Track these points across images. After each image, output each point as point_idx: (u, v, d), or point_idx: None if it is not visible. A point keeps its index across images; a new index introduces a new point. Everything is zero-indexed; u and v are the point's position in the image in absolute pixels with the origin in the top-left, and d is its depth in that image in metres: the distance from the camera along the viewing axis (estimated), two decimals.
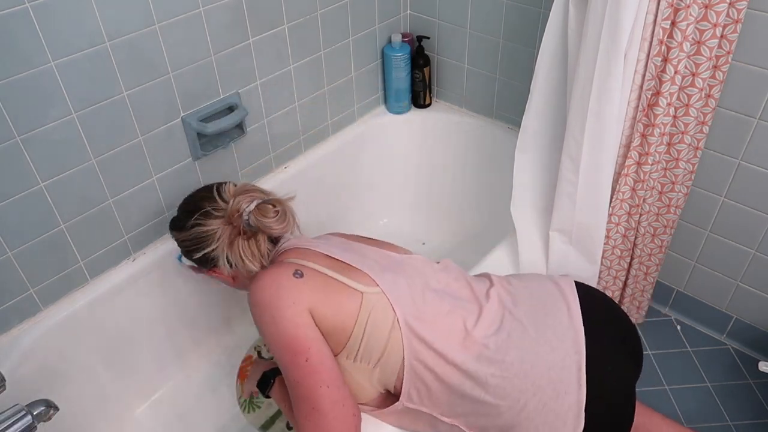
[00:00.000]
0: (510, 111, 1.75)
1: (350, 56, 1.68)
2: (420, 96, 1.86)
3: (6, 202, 1.13)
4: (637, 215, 1.41)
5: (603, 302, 1.18)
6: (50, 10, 1.04)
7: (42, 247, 1.22)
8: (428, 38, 1.77)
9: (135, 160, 1.30)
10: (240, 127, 1.46)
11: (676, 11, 1.12)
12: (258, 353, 1.54)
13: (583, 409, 0.98)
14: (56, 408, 1.00)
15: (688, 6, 1.10)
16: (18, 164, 1.11)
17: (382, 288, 1.05)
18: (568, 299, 1.11)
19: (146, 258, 1.40)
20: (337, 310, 1.02)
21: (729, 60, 1.21)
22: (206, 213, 1.11)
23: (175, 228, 1.20)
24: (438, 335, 1.03)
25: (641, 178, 1.33)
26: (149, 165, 1.33)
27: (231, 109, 1.42)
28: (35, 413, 0.95)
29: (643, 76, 1.21)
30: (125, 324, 1.41)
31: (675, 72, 1.18)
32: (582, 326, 1.06)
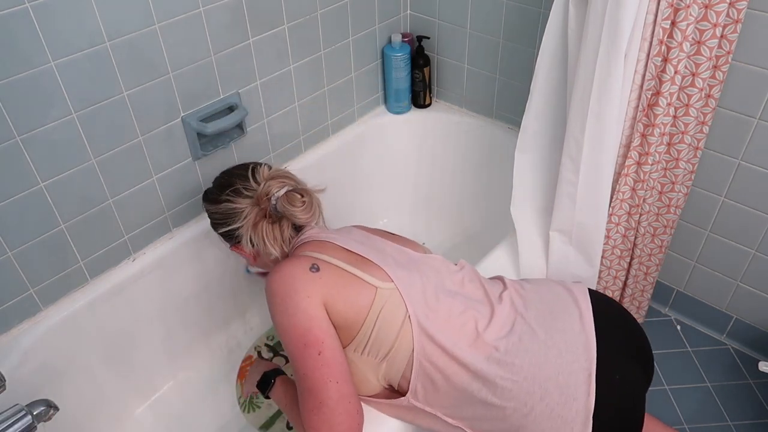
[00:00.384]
0: (510, 111, 1.75)
1: (350, 56, 1.68)
2: (420, 96, 1.86)
3: (6, 202, 1.13)
4: (637, 215, 1.41)
5: (616, 310, 1.16)
6: (50, 10, 1.04)
7: (42, 247, 1.22)
8: (428, 38, 1.77)
9: (135, 160, 1.30)
10: (240, 127, 1.46)
11: (676, 11, 1.12)
12: (258, 353, 1.54)
13: (591, 416, 0.97)
14: (56, 408, 1.00)
15: (688, 6, 1.10)
16: (18, 164, 1.11)
17: (396, 284, 1.06)
18: (581, 305, 1.10)
19: (146, 258, 1.40)
20: (351, 303, 1.03)
21: (729, 60, 1.21)
22: (237, 191, 1.17)
23: (207, 200, 1.27)
24: (449, 335, 1.03)
25: (641, 178, 1.33)
26: (149, 165, 1.33)
27: (231, 109, 1.42)
28: (35, 413, 0.95)
29: (643, 76, 1.21)
30: (125, 324, 1.41)
31: (675, 72, 1.18)
32: (594, 333, 1.05)
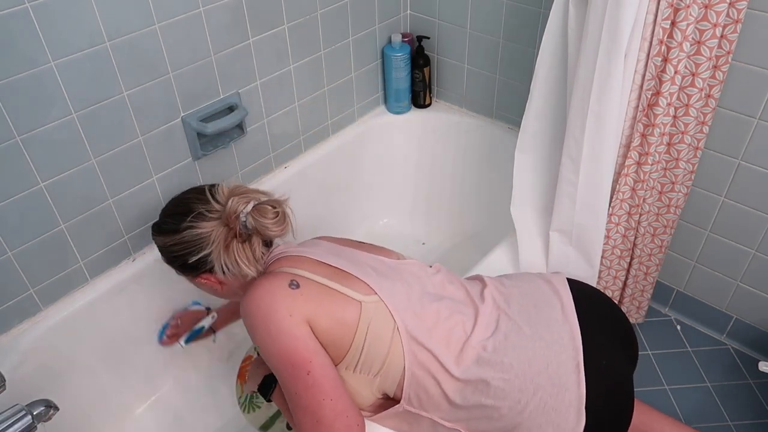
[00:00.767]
0: (510, 111, 1.75)
1: (350, 56, 1.68)
2: (420, 96, 1.86)
3: (6, 202, 1.13)
4: (637, 215, 1.41)
5: (596, 297, 1.18)
6: (50, 10, 1.04)
7: (42, 247, 1.22)
8: (428, 38, 1.77)
9: (135, 160, 1.30)
10: (240, 127, 1.46)
11: (676, 11, 1.12)
12: (258, 353, 1.54)
13: (584, 405, 0.98)
14: (56, 408, 1.00)
15: (688, 6, 1.10)
16: (18, 164, 1.11)
17: (381, 296, 1.03)
18: (561, 296, 1.12)
19: (146, 258, 1.40)
20: (336, 320, 1.00)
21: (729, 60, 1.21)
22: (200, 215, 1.07)
23: (163, 232, 1.13)
24: (438, 341, 1.02)
25: (641, 178, 1.33)
26: (149, 165, 1.33)
27: (231, 109, 1.42)
28: (35, 413, 0.95)
29: (643, 76, 1.21)
30: (125, 324, 1.41)
31: (675, 72, 1.18)
32: (577, 322, 1.06)
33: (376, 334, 1.01)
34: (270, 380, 1.17)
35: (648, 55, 1.19)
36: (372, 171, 1.90)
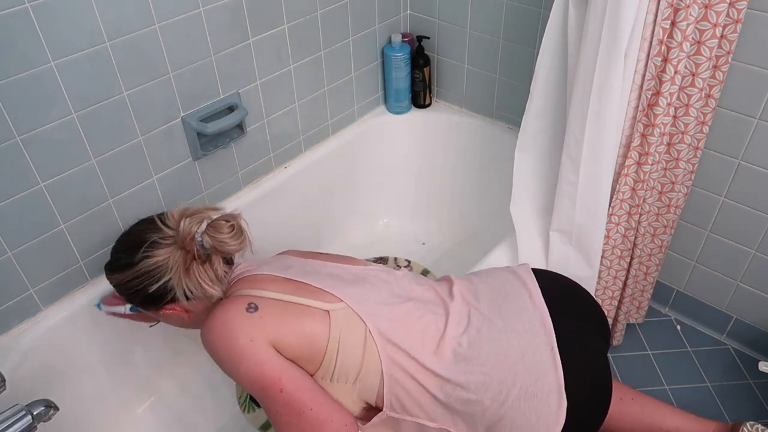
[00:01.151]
0: (510, 111, 1.75)
1: (350, 56, 1.68)
2: (420, 96, 1.86)
3: (6, 202, 1.13)
4: (637, 215, 1.41)
5: (563, 283, 1.21)
6: (50, 10, 1.04)
7: (42, 247, 1.22)
8: (428, 38, 1.77)
9: (135, 160, 1.30)
10: (240, 127, 1.46)
11: (676, 11, 1.12)
12: None
13: (563, 388, 0.99)
14: (56, 408, 1.00)
15: (688, 6, 1.10)
16: (18, 164, 1.11)
17: (347, 302, 1.03)
18: (528, 284, 1.13)
19: None
20: (303, 335, 0.99)
21: (729, 60, 1.21)
22: (153, 243, 1.04)
23: (118, 269, 1.08)
24: (412, 341, 1.02)
25: (641, 178, 1.33)
26: (149, 165, 1.33)
27: (231, 109, 1.42)
28: (35, 413, 0.95)
29: (643, 76, 1.21)
30: (125, 324, 1.41)
31: (675, 72, 1.18)
32: (546, 308, 1.08)
33: (349, 341, 1.00)
34: None
35: (648, 55, 1.19)
36: (372, 171, 1.90)
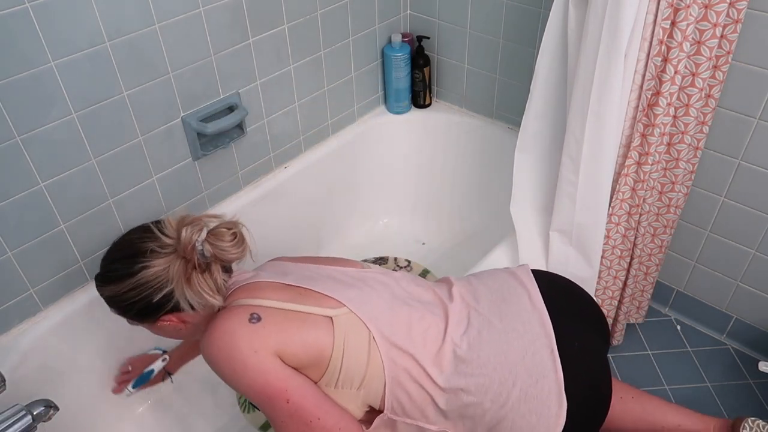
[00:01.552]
0: (510, 111, 1.75)
1: (350, 56, 1.68)
2: (420, 96, 1.86)
3: (6, 202, 1.13)
4: (637, 215, 1.41)
5: (562, 284, 1.20)
6: (50, 10, 1.04)
7: (42, 247, 1.22)
8: (428, 38, 1.77)
9: (135, 160, 1.30)
10: (240, 127, 1.46)
11: (676, 11, 1.12)
12: None
13: (563, 389, 0.99)
14: (56, 408, 1.00)
15: (688, 6, 1.10)
16: (18, 164, 1.11)
17: (350, 307, 1.02)
18: (527, 285, 1.13)
19: None
20: (308, 344, 0.98)
21: (729, 60, 1.21)
22: (153, 252, 1.00)
23: (113, 280, 1.03)
24: (414, 343, 1.02)
25: (641, 178, 1.33)
26: (149, 165, 1.33)
27: (231, 109, 1.42)
28: (35, 413, 0.95)
29: (643, 76, 1.21)
30: (125, 324, 1.41)
31: (675, 72, 1.18)
32: (545, 309, 1.08)
33: (353, 347, 0.99)
34: None
35: (648, 55, 1.19)
36: (372, 171, 1.90)
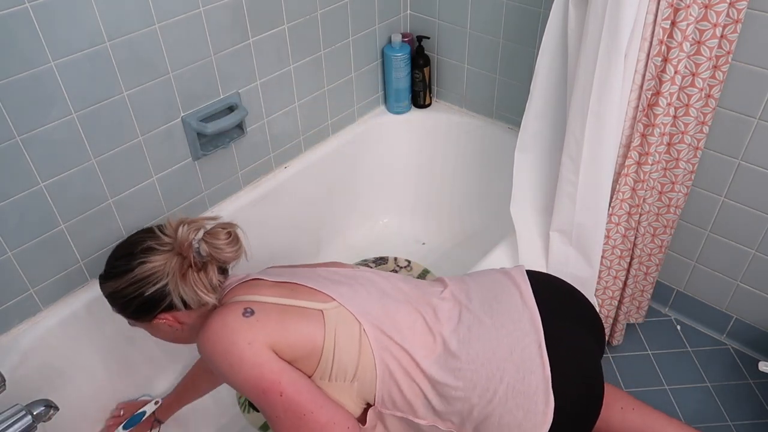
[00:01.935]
0: (510, 111, 1.75)
1: (350, 56, 1.68)
2: (420, 96, 1.86)
3: (6, 202, 1.13)
4: (637, 215, 1.41)
5: (557, 285, 1.20)
6: (50, 10, 1.04)
7: (42, 247, 1.22)
8: (428, 38, 1.77)
9: (135, 160, 1.30)
10: (240, 127, 1.46)
11: (676, 11, 1.12)
12: None
13: (551, 386, 0.99)
14: (56, 408, 1.00)
15: (688, 6, 1.10)
16: (18, 164, 1.11)
17: (340, 301, 1.04)
18: (519, 284, 1.13)
19: None
20: (300, 336, 1.00)
21: (729, 60, 1.21)
22: (150, 249, 1.03)
23: (114, 276, 1.06)
24: (404, 336, 1.03)
25: (641, 178, 1.33)
26: (149, 165, 1.33)
27: (231, 109, 1.42)
28: (35, 413, 0.95)
29: (643, 76, 1.21)
30: (125, 324, 1.41)
31: (675, 72, 1.18)
32: (536, 306, 1.08)
33: (344, 338, 1.01)
34: None
35: (648, 55, 1.19)
36: (372, 171, 1.90)
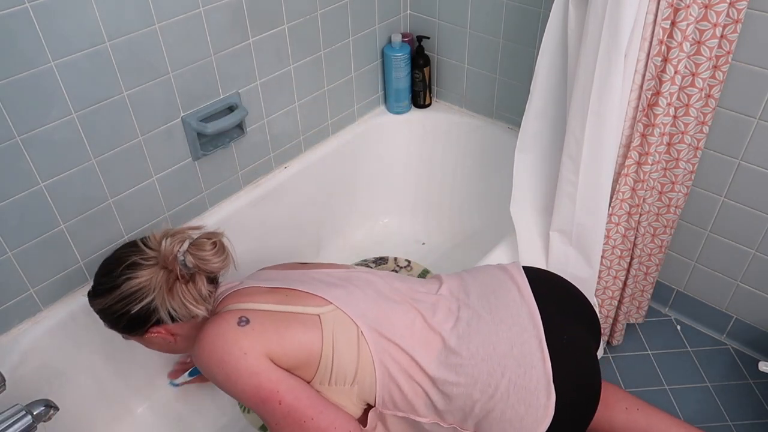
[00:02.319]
0: (510, 111, 1.75)
1: (350, 56, 1.68)
2: (420, 96, 1.86)
3: (6, 202, 1.13)
4: (637, 215, 1.41)
5: (554, 280, 1.21)
6: (50, 10, 1.04)
7: (42, 247, 1.22)
8: (428, 38, 1.77)
9: (135, 160, 1.30)
10: (240, 127, 1.46)
11: (676, 11, 1.12)
12: None
13: (552, 380, 1.00)
14: (56, 408, 1.00)
15: (688, 6, 1.10)
16: (18, 164, 1.11)
17: (336, 304, 1.03)
18: (517, 279, 1.14)
19: None
20: (298, 342, 0.99)
21: (729, 60, 1.21)
22: (134, 264, 1.03)
23: (101, 293, 1.06)
24: (402, 335, 1.03)
25: (641, 178, 1.33)
26: (149, 165, 1.33)
27: (231, 109, 1.42)
28: (35, 413, 0.95)
29: (643, 76, 1.21)
30: None
31: (675, 72, 1.18)
32: (534, 302, 1.09)
33: (342, 342, 1.01)
34: None
35: (648, 55, 1.19)
36: (372, 171, 1.90)
